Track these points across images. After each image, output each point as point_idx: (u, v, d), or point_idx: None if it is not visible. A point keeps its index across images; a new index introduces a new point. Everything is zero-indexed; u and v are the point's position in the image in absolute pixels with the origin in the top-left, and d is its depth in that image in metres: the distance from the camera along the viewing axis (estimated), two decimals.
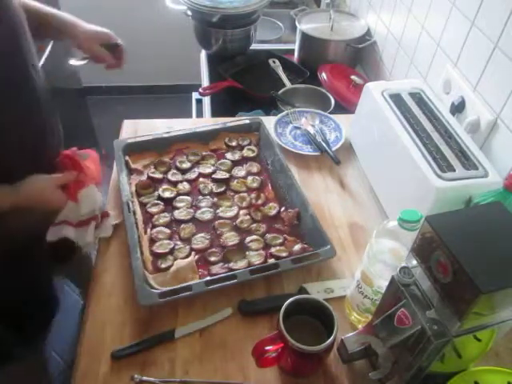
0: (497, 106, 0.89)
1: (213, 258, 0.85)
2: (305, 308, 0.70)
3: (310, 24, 1.55)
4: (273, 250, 0.86)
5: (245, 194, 0.98)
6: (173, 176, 1.00)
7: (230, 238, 0.88)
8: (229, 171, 1.03)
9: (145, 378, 0.69)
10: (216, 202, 0.96)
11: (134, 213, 0.88)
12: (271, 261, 0.83)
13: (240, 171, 1.03)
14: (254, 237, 0.89)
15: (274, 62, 1.56)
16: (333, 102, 1.33)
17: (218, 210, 0.94)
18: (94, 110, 2.40)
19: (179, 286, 0.76)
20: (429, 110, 0.96)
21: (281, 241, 0.89)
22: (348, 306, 0.79)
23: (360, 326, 0.74)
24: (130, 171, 1.00)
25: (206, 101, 1.46)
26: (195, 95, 1.67)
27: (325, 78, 1.43)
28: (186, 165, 1.03)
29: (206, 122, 1.22)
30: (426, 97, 0.99)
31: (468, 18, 0.96)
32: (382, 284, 0.66)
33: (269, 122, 1.17)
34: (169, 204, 0.95)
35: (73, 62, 1.02)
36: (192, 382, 0.70)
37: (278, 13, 1.91)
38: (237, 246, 0.88)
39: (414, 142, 0.87)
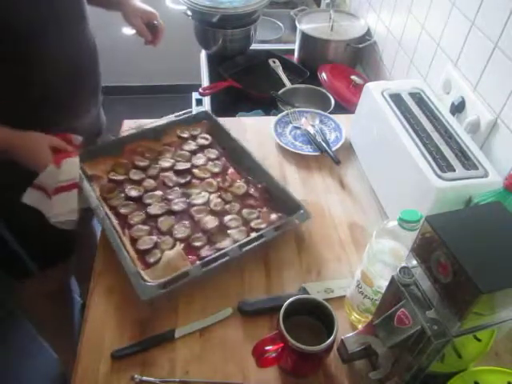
0: (497, 106, 0.89)
1: (198, 243, 0.86)
2: (305, 308, 0.70)
3: (310, 24, 1.55)
4: (252, 224, 0.89)
5: (211, 180, 0.99)
6: (135, 175, 0.99)
7: (210, 222, 0.90)
8: (188, 161, 1.04)
9: (145, 377, 0.69)
10: (185, 192, 0.97)
11: (108, 216, 0.88)
12: (253, 234, 0.86)
13: (199, 159, 1.04)
14: (232, 216, 0.91)
15: (274, 61, 1.56)
16: (333, 102, 1.33)
17: (189, 199, 0.95)
18: None
19: (176, 275, 0.77)
20: (429, 110, 0.96)
21: (256, 214, 0.92)
22: (348, 306, 0.79)
23: (360, 326, 0.74)
24: (90, 178, 0.97)
25: (206, 101, 1.46)
26: (195, 95, 1.67)
27: (325, 77, 1.43)
28: (145, 163, 1.02)
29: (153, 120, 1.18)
30: (426, 97, 0.99)
31: (468, 17, 0.96)
32: (382, 284, 0.66)
33: (269, 122, 1.18)
34: (139, 202, 0.94)
35: (125, 30, 1.20)
36: (192, 382, 0.70)
37: (278, 13, 1.91)
38: (218, 228, 0.89)
39: (414, 142, 0.87)
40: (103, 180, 0.98)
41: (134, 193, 0.95)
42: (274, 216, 0.90)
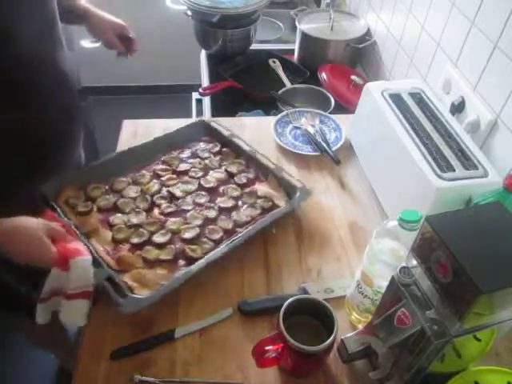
0: (497, 106, 0.89)
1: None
2: (305, 308, 0.70)
3: (310, 24, 1.55)
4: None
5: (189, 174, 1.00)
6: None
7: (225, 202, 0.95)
8: (147, 183, 0.98)
9: (145, 377, 0.69)
10: (184, 192, 0.96)
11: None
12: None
13: (155, 186, 0.97)
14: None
15: (274, 61, 1.56)
16: (333, 102, 1.33)
17: (192, 194, 0.95)
18: (93, 110, 2.40)
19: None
20: (429, 110, 0.96)
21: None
22: (348, 305, 0.79)
23: (360, 326, 0.74)
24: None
25: (206, 101, 1.46)
26: (195, 95, 1.67)
27: (325, 78, 1.43)
28: (134, 214, 0.91)
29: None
30: (426, 97, 0.99)
31: (468, 17, 0.96)
32: (382, 284, 0.66)
33: (269, 122, 1.18)
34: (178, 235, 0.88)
35: (84, 43, 1.15)
36: (192, 381, 0.70)
37: (278, 13, 1.91)
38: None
39: (414, 142, 0.87)
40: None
41: (161, 239, 0.86)
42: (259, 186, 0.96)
